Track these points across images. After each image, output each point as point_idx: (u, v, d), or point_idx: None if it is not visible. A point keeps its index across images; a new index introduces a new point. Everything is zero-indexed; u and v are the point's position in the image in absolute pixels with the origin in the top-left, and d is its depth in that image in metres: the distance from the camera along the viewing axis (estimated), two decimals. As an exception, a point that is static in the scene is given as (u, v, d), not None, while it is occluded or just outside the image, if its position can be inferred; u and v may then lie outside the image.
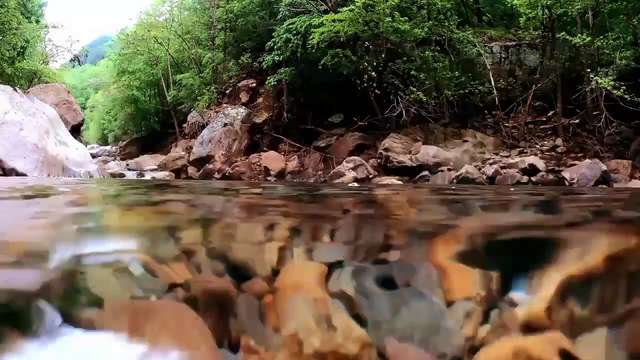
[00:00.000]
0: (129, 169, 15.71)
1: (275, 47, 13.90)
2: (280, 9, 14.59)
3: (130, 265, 0.96)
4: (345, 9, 12.01)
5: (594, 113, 11.04)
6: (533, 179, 9.77)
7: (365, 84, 12.26)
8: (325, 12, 13.18)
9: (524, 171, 9.99)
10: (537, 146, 11.59)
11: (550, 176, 9.75)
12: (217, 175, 13.37)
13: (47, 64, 23.31)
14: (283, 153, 14.44)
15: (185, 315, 0.84)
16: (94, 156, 17.08)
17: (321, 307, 0.87)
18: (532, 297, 0.90)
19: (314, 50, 12.67)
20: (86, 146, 17.67)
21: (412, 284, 0.95)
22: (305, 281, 0.97)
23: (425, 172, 10.87)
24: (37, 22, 22.47)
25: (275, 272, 1.01)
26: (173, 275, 0.95)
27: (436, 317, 0.88)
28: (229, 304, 0.88)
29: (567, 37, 10.87)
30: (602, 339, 0.82)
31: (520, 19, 13.73)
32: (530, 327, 0.83)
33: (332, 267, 1.00)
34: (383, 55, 12.52)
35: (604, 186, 8.74)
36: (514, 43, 14.00)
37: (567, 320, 0.86)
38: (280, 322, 0.84)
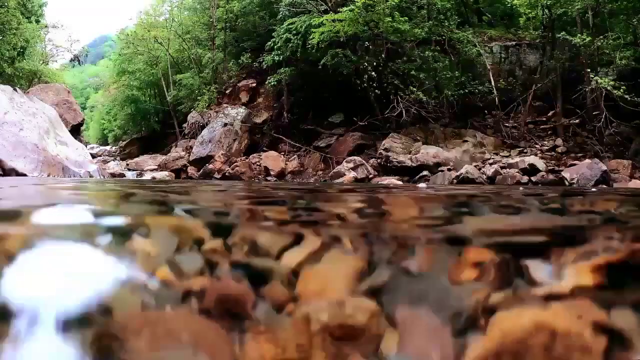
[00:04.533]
0: (129, 169, 15.70)
1: (275, 47, 13.91)
2: (280, 9, 14.59)
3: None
4: (345, 9, 12.01)
5: (594, 113, 11.04)
6: (533, 179, 9.78)
7: (365, 84, 12.27)
8: (325, 12, 13.18)
9: (524, 171, 9.99)
10: (537, 146, 11.59)
11: (550, 176, 9.76)
12: (217, 175, 13.38)
13: (47, 64, 23.33)
14: (283, 153, 14.44)
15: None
16: (94, 156, 17.08)
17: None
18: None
19: (314, 50, 12.68)
20: (86, 146, 17.67)
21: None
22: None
23: (425, 172, 10.87)
24: (37, 22, 22.44)
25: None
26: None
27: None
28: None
29: (567, 37, 10.88)
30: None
31: (520, 19, 13.74)
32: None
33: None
34: (383, 55, 12.52)
35: (604, 186, 8.74)
36: (514, 43, 14.00)
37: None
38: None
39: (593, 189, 6.94)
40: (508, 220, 1.83)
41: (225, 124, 15.33)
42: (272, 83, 14.57)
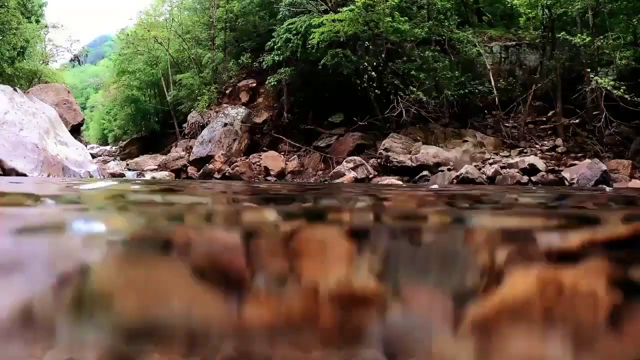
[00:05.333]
0: (129, 169, 15.70)
1: (275, 47, 13.90)
2: (280, 9, 14.59)
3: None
4: (345, 9, 12.01)
5: (594, 113, 11.04)
6: (533, 178, 9.78)
7: (365, 84, 12.26)
8: (325, 12, 13.18)
9: (524, 171, 9.99)
10: (537, 146, 11.59)
11: (550, 176, 9.76)
12: (217, 175, 13.38)
13: (47, 64, 23.31)
14: (283, 153, 14.44)
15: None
16: (94, 156, 17.08)
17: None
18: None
19: (314, 50, 12.67)
20: (86, 146, 17.67)
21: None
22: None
23: (425, 172, 10.87)
24: (37, 22, 22.42)
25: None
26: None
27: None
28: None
29: (567, 37, 10.87)
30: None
31: (520, 19, 13.74)
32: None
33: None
34: (383, 55, 12.52)
35: (604, 186, 8.74)
36: (514, 43, 14.00)
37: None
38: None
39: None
40: None
41: (225, 124, 15.32)
42: (272, 83, 14.57)
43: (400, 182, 10.25)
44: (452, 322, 0.76)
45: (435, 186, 8.82)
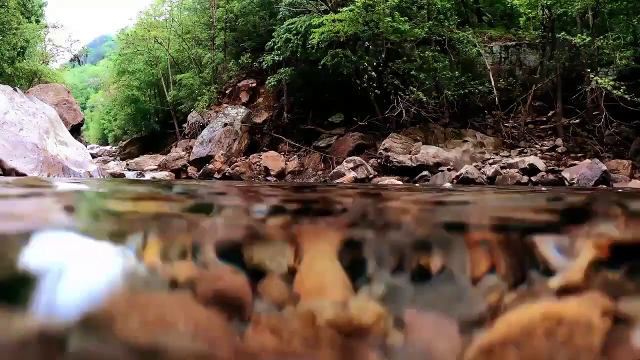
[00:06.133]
0: (129, 169, 15.69)
1: (275, 47, 13.90)
2: (280, 9, 14.59)
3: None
4: (345, 9, 12.01)
5: (594, 113, 11.04)
6: (533, 179, 9.78)
7: (365, 84, 12.26)
8: (325, 12, 13.18)
9: (524, 171, 9.99)
10: (537, 146, 11.59)
11: (550, 176, 9.76)
12: (217, 175, 13.38)
13: (47, 64, 23.31)
14: (283, 153, 14.44)
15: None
16: (94, 156, 17.06)
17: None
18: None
19: (314, 50, 12.67)
20: (86, 146, 17.65)
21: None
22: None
23: (425, 172, 10.87)
24: (37, 22, 22.43)
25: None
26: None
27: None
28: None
29: (567, 37, 10.87)
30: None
31: (520, 19, 13.74)
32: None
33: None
34: (383, 55, 12.51)
35: (604, 186, 8.74)
36: (514, 43, 14.00)
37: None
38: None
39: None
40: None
41: (225, 124, 15.32)
42: (272, 83, 14.56)
43: (400, 182, 10.24)
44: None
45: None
